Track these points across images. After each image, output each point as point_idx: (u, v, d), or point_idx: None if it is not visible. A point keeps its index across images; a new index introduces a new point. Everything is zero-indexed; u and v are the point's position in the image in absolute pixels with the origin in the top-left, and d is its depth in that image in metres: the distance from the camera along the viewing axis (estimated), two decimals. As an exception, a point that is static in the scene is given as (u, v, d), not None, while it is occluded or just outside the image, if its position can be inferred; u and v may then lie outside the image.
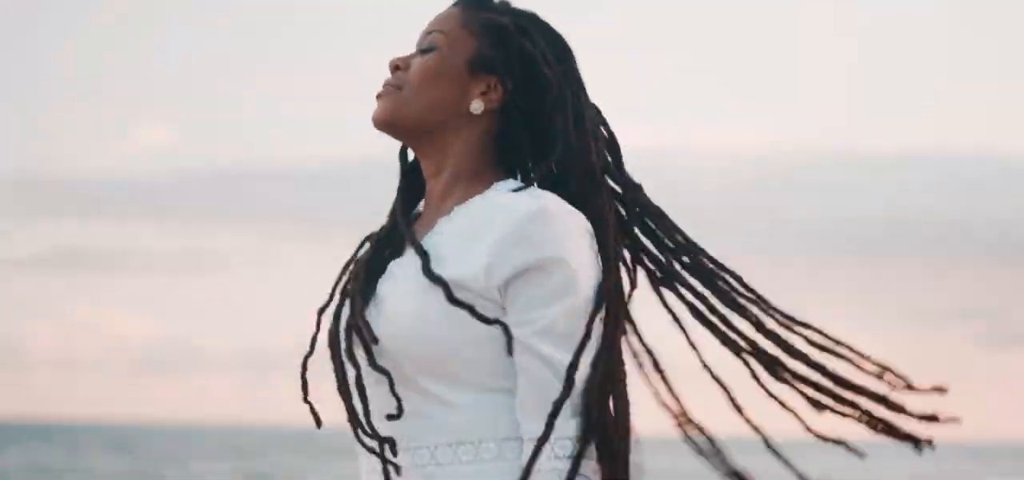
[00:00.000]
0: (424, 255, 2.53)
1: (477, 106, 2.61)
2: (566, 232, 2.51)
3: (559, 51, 2.65)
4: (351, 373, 2.56)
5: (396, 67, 2.64)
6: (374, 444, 2.52)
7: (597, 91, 2.79)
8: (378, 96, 2.63)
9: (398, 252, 2.62)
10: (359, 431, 2.54)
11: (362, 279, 2.60)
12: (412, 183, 2.71)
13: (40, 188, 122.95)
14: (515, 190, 2.57)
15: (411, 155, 2.72)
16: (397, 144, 2.70)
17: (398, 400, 2.50)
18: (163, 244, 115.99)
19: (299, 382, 2.64)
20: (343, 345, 2.57)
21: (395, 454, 2.53)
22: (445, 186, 2.64)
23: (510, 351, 2.52)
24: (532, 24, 2.66)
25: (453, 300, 2.49)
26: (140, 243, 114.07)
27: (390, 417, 2.52)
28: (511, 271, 2.50)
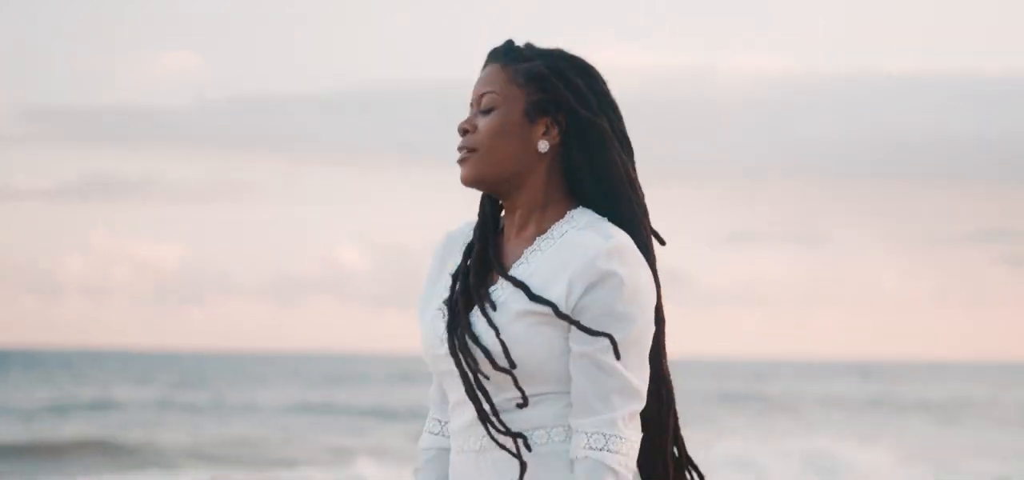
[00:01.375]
0: (523, 286, 3.05)
1: (543, 145, 3.09)
2: (636, 275, 3.03)
3: (590, 81, 3.13)
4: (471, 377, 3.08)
5: (465, 130, 3.12)
6: (507, 440, 3.08)
7: (635, 21, 3.01)
8: (459, 161, 3.12)
9: (488, 276, 3.13)
10: (490, 426, 3.09)
11: (464, 299, 3.13)
12: (491, 217, 3.20)
13: (65, 116, 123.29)
14: (589, 225, 3.08)
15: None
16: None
17: (524, 396, 3.07)
18: (189, 171, 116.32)
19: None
20: (460, 357, 3.08)
21: (528, 447, 3.08)
22: (522, 217, 3.14)
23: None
24: (563, 63, 3.12)
25: (559, 315, 3.02)
26: (167, 170, 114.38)
27: (520, 406, 3.08)
28: (590, 302, 3.01)
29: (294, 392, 49.11)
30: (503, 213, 3.20)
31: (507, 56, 3.15)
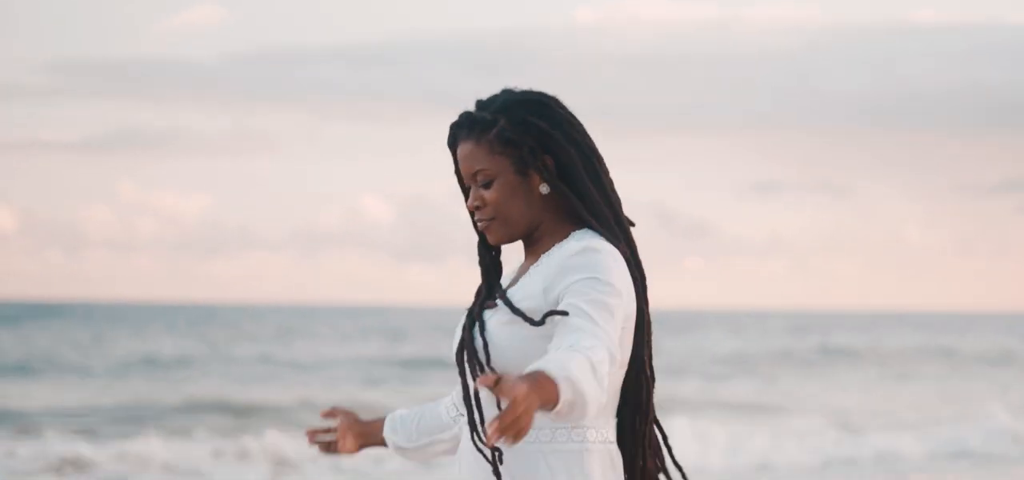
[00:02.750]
0: (506, 300, 3.49)
1: (544, 188, 3.55)
2: (604, 259, 3.43)
3: (548, 113, 3.54)
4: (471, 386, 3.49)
5: (478, 207, 3.56)
6: (486, 451, 3.47)
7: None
8: (486, 229, 3.57)
9: (493, 302, 3.56)
10: (475, 437, 3.48)
11: (471, 320, 3.56)
12: (490, 261, 3.65)
13: (90, 70, 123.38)
14: (575, 238, 3.49)
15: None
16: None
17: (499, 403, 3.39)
18: (214, 123, 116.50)
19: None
20: (465, 367, 3.51)
21: (501, 461, 3.46)
22: (535, 246, 3.59)
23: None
24: (522, 110, 3.54)
25: (514, 310, 3.44)
26: (191, 123, 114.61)
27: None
28: (564, 286, 3.41)
29: (365, 346, 48.88)
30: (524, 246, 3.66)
31: (473, 130, 3.55)
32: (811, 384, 34.93)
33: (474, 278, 3.71)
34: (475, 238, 3.69)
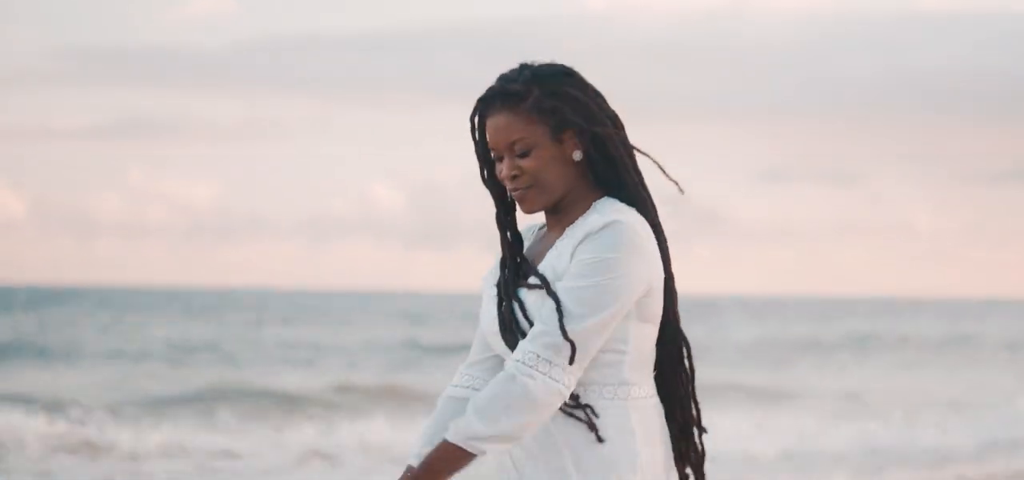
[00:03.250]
0: (544, 279, 3.55)
1: (577, 154, 3.62)
2: (622, 233, 3.51)
3: (574, 81, 3.62)
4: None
5: (514, 175, 3.61)
6: (574, 410, 3.58)
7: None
8: (522, 198, 3.62)
9: (525, 275, 3.63)
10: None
11: (507, 295, 3.63)
12: (513, 235, 3.71)
13: (101, 57, 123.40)
14: (599, 209, 3.57)
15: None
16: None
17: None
18: (224, 110, 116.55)
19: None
20: (508, 341, 3.60)
21: (596, 414, 3.56)
22: (560, 215, 3.65)
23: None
24: (552, 80, 3.61)
25: (549, 292, 3.51)
26: (202, 110, 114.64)
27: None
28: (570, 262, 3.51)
29: (386, 332, 48.91)
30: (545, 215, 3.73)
31: (508, 100, 3.60)
32: (832, 370, 34.93)
33: (482, 265, 3.77)
34: (482, 225, 3.77)
